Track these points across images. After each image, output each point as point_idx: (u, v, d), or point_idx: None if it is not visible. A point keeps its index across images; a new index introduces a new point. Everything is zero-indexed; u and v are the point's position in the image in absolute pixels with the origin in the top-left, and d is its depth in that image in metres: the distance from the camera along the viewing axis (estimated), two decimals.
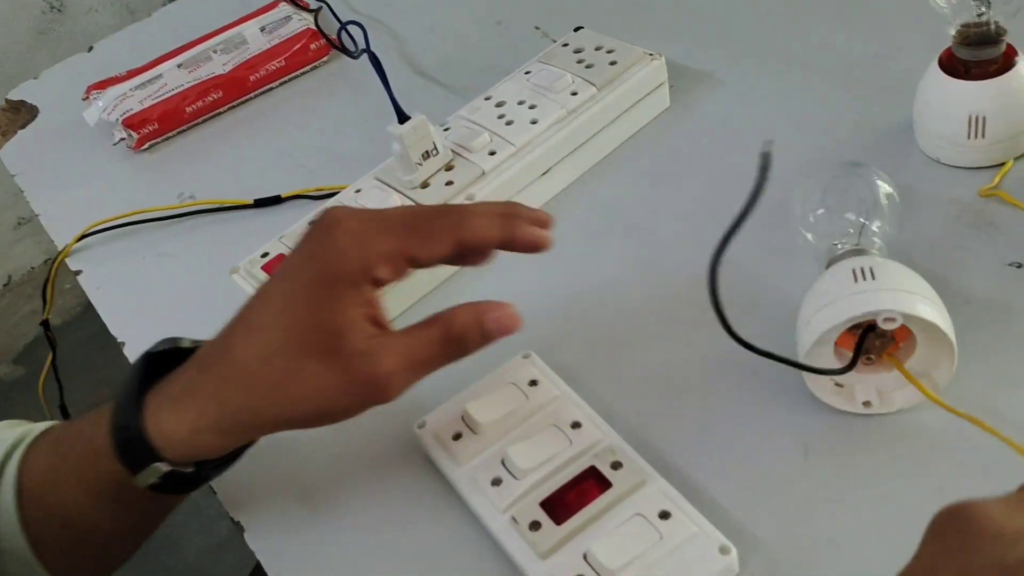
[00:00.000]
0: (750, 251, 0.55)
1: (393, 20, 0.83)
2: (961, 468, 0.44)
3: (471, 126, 0.63)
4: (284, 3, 0.84)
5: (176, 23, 0.92)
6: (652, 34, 0.70)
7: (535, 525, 0.43)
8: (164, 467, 0.44)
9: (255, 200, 0.69)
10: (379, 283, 0.44)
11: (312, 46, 0.80)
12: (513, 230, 0.46)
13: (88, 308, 0.69)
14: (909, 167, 0.58)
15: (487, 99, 0.65)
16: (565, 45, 0.68)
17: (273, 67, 0.79)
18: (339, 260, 0.43)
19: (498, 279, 0.57)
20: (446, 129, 0.63)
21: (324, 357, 0.42)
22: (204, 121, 0.79)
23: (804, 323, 0.45)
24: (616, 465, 0.45)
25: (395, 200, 0.59)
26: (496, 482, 0.46)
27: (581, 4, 0.79)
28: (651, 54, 0.65)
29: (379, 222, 0.44)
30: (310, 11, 0.83)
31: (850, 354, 0.44)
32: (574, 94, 0.63)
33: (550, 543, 0.43)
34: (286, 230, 0.61)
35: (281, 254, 0.58)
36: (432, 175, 0.60)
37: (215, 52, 0.80)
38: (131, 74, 0.80)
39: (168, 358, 0.46)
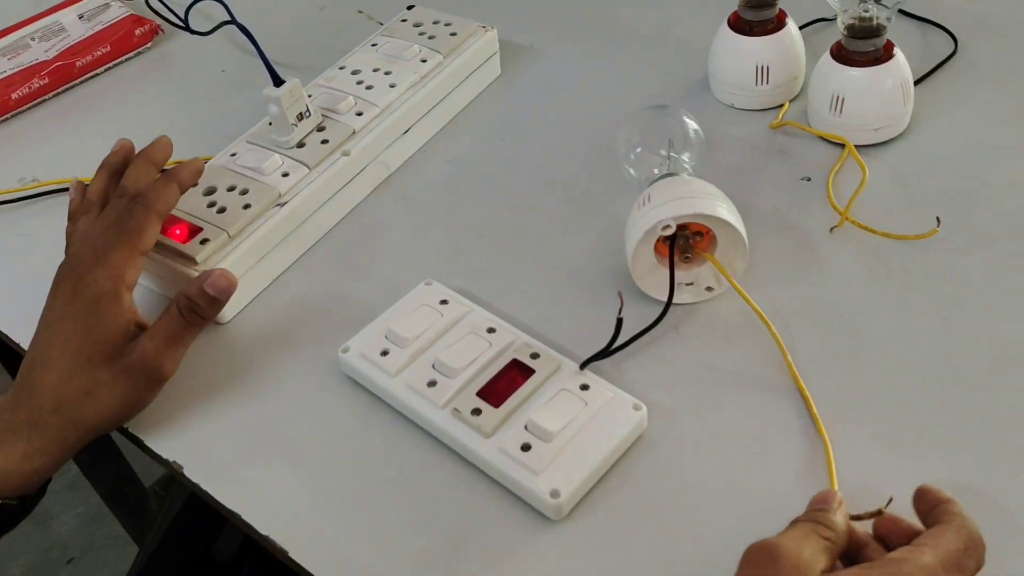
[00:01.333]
0: (590, 188, 0.65)
1: (217, 8, 0.85)
2: (758, 341, 0.55)
3: (333, 92, 0.68)
4: None
5: None
6: (472, 15, 0.78)
7: (476, 412, 0.50)
8: None
9: None
10: (132, 285, 0.54)
11: (137, 31, 0.81)
12: (180, 179, 0.57)
13: None
14: (708, 114, 0.70)
15: (341, 68, 0.70)
16: (404, 21, 0.74)
17: (99, 52, 0.79)
18: (95, 285, 0.52)
19: (373, 237, 0.63)
20: (309, 96, 0.67)
21: (108, 364, 0.51)
22: (34, 106, 0.77)
23: (626, 238, 0.55)
24: (534, 355, 0.52)
25: (275, 159, 0.63)
26: (431, 384, 0.52)
27: None
28: (484, 26, 0.73)
29: (103, 245, 0.53)
30: None
31: (666, 260, 0.55)
32: (424, 61, 0.70)
33: (493, 423, 0.49)
34: None
35: (173, 215, 0.60)
36: (307, 135, 0.64)
37: (33, 40, 0.79)
38: None
39: None
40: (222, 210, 0.60)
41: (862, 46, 0.63)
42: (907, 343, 0.53)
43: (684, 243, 0.55)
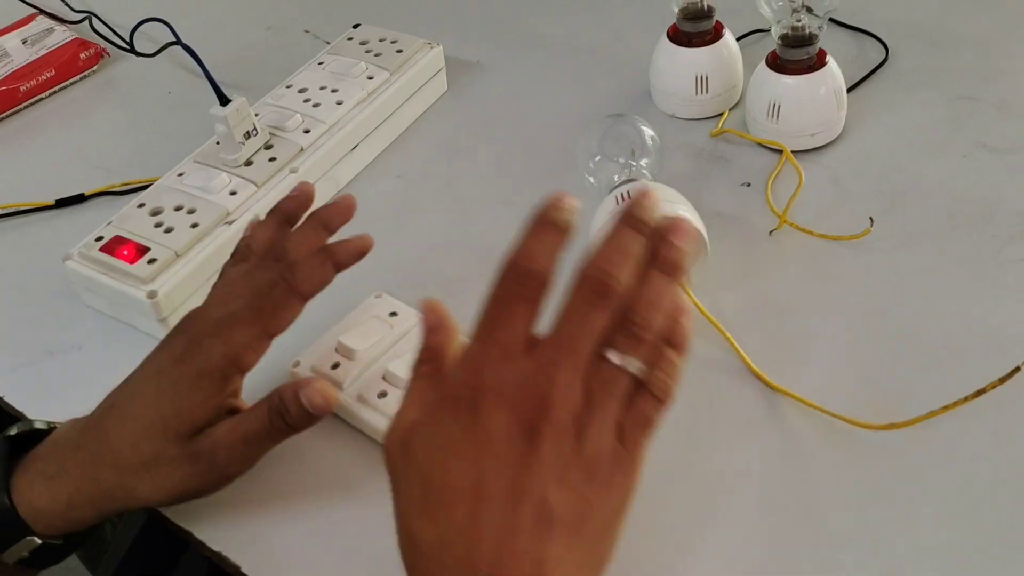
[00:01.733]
0: (538, 198, 0.66)
1: (162, 30, 0.85)
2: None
3: (280, 110, 0.68)
4: (42, 16, 0.83)
5: None
6: (419, 32, 0.79)
7: None
8: (36, 541, 0.47)
9: (56, 200, 0.70)
10: (247, 369, 0.49)
11: (82, 55, 0.81)
12: (337, 259, 0.51)
13: None
14: (651, 123, 0.70)
15: (288, 87, 0.71)
16: (350, 39, 0.75)
17: (44, 77, 0.79)
18: (206, 357, 0.47)
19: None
20: (256, 115, 0.68)
21: (181, 442, 0.47)
22: None
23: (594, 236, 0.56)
24: None
25: (223, 178, 0.63)
26: (382, 395, 0.52)
27: (345, 8, 0.87)
28: (429, 43, 0.74)
29: (230, 315, 0.48)
30: (73, 22, 0.84)
31: None
32: (370, 78, 0.71)
33: None
34: (111, 217, 0.63)
35: (119, 236, 0.60)
36: (254, 153, 0.65)
37: None
38: None
39: (24, 440, 0.49)
40: (169, 230, 0.60)
41: (796, 55, 0.64)
42: (845, 339, 0.54)
43: None
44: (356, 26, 0.77)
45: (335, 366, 0.54)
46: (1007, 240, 0.58)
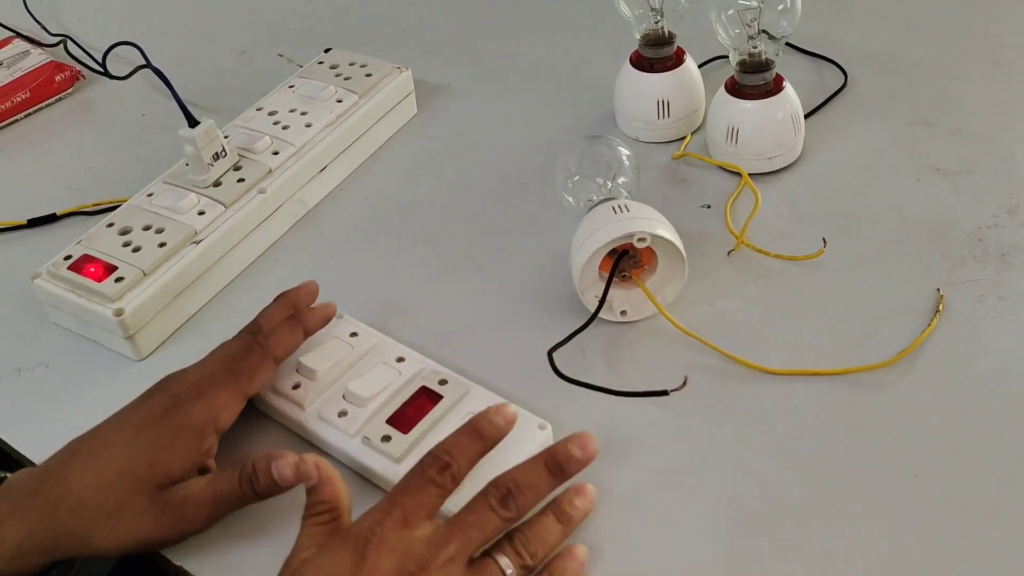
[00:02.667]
0: (503, 220, 0.68)
1: (138, 53, 0.87)
2: (683, 355, 0.58)
3: (250, 132, 0.69)
4: (18, 39, 0.84)
5: None
6: (389, 57, 0.80)
7: (386, 438, 0.51)
8: None
9: (28, 220, 0.70)
10: (223, 428, 0.51)
11: (57, 77, 0.82)
12: (307, 326, 0.56)
13: None
14: None
15: (259, 110, 0.72)
16: (320, 63, 0.76)
17: (19, 98, 0.80)
18: (186, 414, 0.49)
19: (289, 273, 0.65)
20: (226, 137, 0.69)
21: (149, 493, 0.48)
22: None
23: (577, 248, 0.57)
24: (442, 382, 0.54)
25: (191, 198, 0.64)
26: (342, 414, 0.53)
27: (317, 32, 0.89)
28: (399, 67, 0.76)
29: (209, 376, 0.51)
30: (49, 45, 0.85)
31: (606, 275, 0.57)
32: (339, 101, 0.72)
33: (402, 448, 0.51)
34: (80, 237, 0.63)
35: (87, 255, 0.61)
36: (223, 174, 0.66)
37: None
38: None
39: None
40: (137, 249, 0.61)
41: (753, 80, 0.66)
42: (800, 356, 0.55)
43: (627, 263, 0.58)
44: (327, 50, 0.78)
45: (296, 386, 0.55)
46: (958, 261, 0.60)
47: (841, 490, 0.49)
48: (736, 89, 0.67)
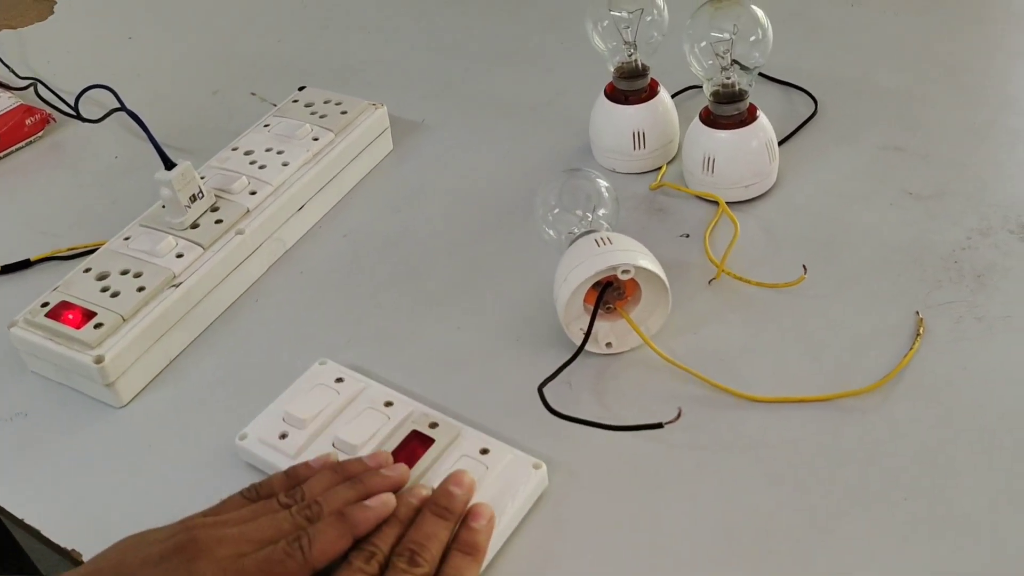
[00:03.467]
0: (483, 255, 0.68)
1: (109, 96, 0.86)
2: (668, 385, 0.58)
3: (226, 172, 0.69)
4: None
5: None
6: (364, 94, 0.80)
7: None
8: None
9: (2, 266, 0.69)
10: None
11: (27, 121, 0.81)
12: (358, 531, 0.47)
13: None
14: None
15: (234, 150, 0.72)
16: (295, 101, 0.76)
17: None
18: None
19: (269, 314, 0.65)
20: (202, 178, 0.69)
21: None
22: None
23: (561, 281, 0.57)
24: (433, 425, 0.53)
25: (169, 241, 0.63)
26: None
27: (290, 71, 0.89)
28: (374, 104, 0.76)
29: (238, 571, 0.44)
30: (18, 89, 0.84)
31: (590, 307, 0.57)
32: (315, 139, 0.72)
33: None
34: (55, 283, 0.63)
35: (65, 301, 0.60)
36: (200, 216, 0.65)
37: None
38: None
39: None
40: (116, 294, 0.60)
41: (727, 110, 0.67)
42: (784, 383, 0.56)
43: (611, 295, 0.58)
44: (301, 88, 0.78)
45: (283, 436, 0.54)
46: (934, 284, 0.61)
47: (831, 515, 0.49)
48: (711, 119, 0.68)
